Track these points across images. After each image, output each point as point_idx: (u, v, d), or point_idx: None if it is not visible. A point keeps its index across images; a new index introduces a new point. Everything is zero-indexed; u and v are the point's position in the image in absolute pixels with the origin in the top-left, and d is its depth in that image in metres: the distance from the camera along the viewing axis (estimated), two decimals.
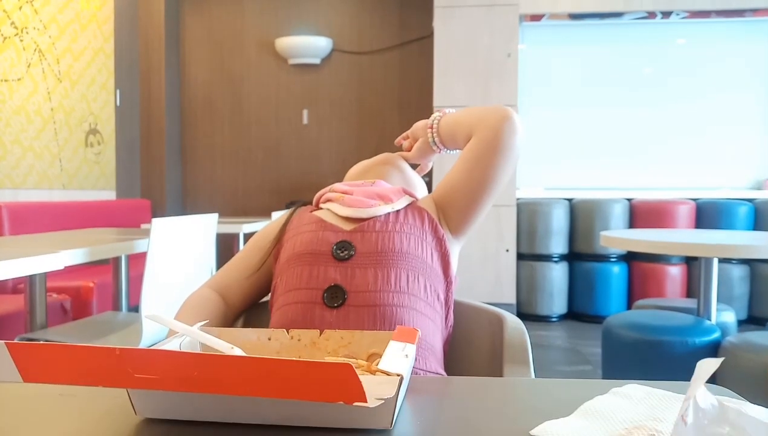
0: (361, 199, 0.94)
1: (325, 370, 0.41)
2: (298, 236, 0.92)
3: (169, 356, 0.44)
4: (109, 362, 0.43)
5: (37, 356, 0.44)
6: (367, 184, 1.01)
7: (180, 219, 2.20)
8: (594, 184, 4.55)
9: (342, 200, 0.94)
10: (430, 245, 0.90)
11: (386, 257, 0.85)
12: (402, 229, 0.90)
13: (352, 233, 0.89)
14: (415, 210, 0.94)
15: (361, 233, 0.88)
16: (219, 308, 0.93)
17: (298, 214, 0.99)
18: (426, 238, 0.90)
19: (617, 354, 2.45)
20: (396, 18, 5.09)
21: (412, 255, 0.87)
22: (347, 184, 1.01)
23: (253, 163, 5.20)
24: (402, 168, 1.11)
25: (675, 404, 0.53)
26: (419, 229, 0.91)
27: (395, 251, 0.86)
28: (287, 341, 0.69)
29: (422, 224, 0.92)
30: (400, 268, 0.85)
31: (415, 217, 0.93)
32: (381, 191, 0.96)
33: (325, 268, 0.85)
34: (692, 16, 4.42)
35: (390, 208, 0.92)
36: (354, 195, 0.96)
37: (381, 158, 1.11)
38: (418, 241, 0.89)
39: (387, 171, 1.09)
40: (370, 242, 0.87)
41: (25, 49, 3.70)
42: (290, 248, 0.92)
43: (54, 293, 2.87)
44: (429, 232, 0.91)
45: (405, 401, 0.56)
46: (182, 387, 0.43)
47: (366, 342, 0.67)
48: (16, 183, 3.64)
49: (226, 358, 0.46)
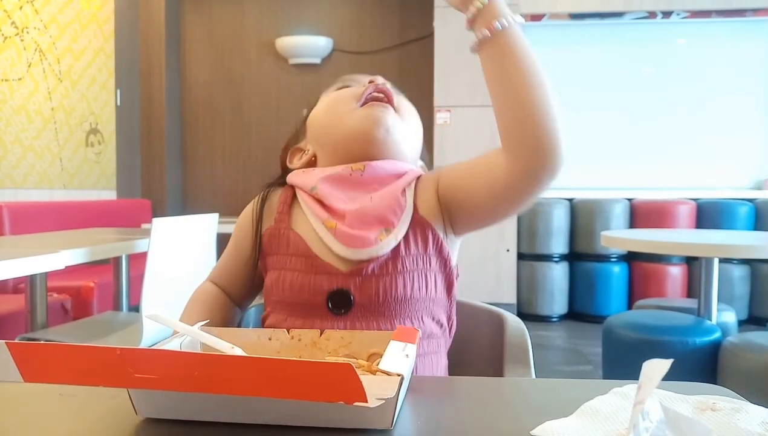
0: (358, 233, 0.78)
1: (325, 370, 0.41)
2: (285, 271, 0.81)
3: (170, 356, 0.44)
4: (109, 361, 0.43)
5: (37, 355, 0.44)
6: (355, 176, 0.83)
7: (180, 219, 2.20)
8: (594, 184, 4.55)
9: (335, 230, 0.79)
10: (434, 272, 0.81)
11: (388, 308, 0.77)
12: (404, 266, 0.78)
13: (349, 277, 0.78)
14: (417, 228, 0.81)
15: (359, 278, 0.77)
16: (224, 302, 0.91)
17: (276, 216, 0.86)
18: (430, 265, 0.80)
19: (618, 354, 2.45)
20: (396, 18, 5.09)
21: (415, 299, 0.79)
22: (330, 182, 0.83)
23: (254, 163, 5.20)
24: (397, 136, 0.87)
25: (675, 405, 0.53)
26: (422, 256, 0.80)
27: (398, 300, 0.77)
28: (288, 340, 0.68)
29: (425, 247, 0.80)
30: (404, 318, 0.78)
31: (418, 239, 0.80)
32: (380, 209, 0.80)
33: (320, 322, 0.77)
34: (693, 16, 4.41)
35: (394, 240, 0.78)
36: (347, 220, 0.79)
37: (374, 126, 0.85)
38: (422, 276, 0.79)
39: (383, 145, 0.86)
40: (370, 290, 0.77)
41: (25, 49, 3.70)
42: (277, 285, 0.81)
43: (54, 293, 2.87)
44: (433, 254, 0.81)
45: (405, 401, 0.56)
46: (183, 387, 0.43)
47: (366, 342, 0.67)
48: (17, 183, 3.64)
49: (226, 358, 0.46)
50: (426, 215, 0.82)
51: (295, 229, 0.83)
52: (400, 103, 0.90)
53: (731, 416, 0.50)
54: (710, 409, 0.51)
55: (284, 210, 0.86)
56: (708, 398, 0.53)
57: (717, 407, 0.51)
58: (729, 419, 0.49)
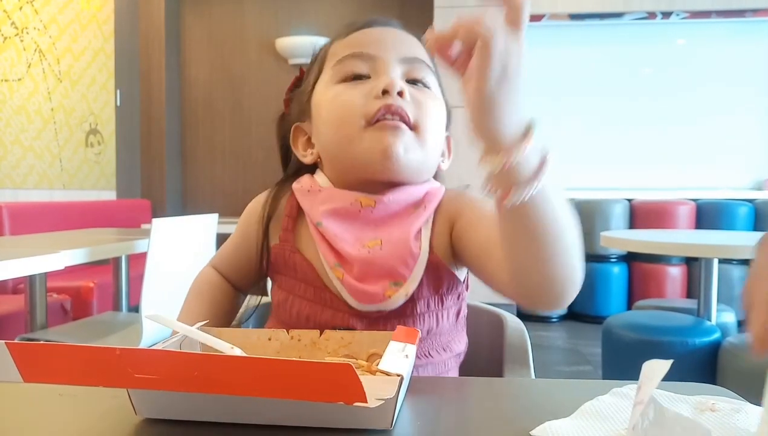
0: (366, 288, 0.73)
1: (325, 370, 0.41)
2: (293, 297, 0.78)
3: (169, 356, 0.44)
4: (109, 362, 0.43)
5: (37, 355, 0.44)
6: (365, 213, 0.76)
7: (180, 219, 2.20)
8: (594, 184, 4.55)
9: (342, 280, 0.74)
10: (447, 308, 0.78)
11: None
12: (415, 310, 0.74)
13: (357, 317, 0.75)
14: (432, 271, 0.75)
15: (367, 319, 0.75)
16: (225, 290, 0.89)
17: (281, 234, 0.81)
18: (442, 304, 0.77)
19: (617, 354, 2.45)
20: (396, 18, 5.08)
21: (429, 335, 0.76)
22: (336, 218, 0.76)
23: (254, 164, 5.20)
24: (413, 164, 0.76)
25: (675, 405, 0.53)
26: (435, 298, 0.76)
27: None
28: (287, 340, 0.68)
29: (439, 289, 0.76)
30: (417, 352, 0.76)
31: (431, 282, 0.75)
32: (390, 260, 0.73)
33: None
34: (692, 16, 4.41)
35: (404, 296, 0.73)
36: (354, 271, 0.73)
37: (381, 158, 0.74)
38: (433, 316, 0.76)
39: (393, 175, 0.76)
40: (378, 330, 0.73)
41: (25, 50, 3.70)
42: (284, 308, 0.79)
43: (54, 293, 2.87)
44: (446, 293, 0.77)
45: (405, 401, 0.56)
46: (182, 387, 0.43)
47: (366, 342, 0.66)
48: (17, 183, 3.64)
49: (226, 358, 0.45)
50: (441, 256, 0.76)
51: (301, 250, 0.79)
52: (419, 110, 0.76)
53: (731, 417, 0.50)
54: (710, 409, 0.51)
55: (289, 227, 0.81)
56: (707, 399, 0.53)
57: (716, 407, 0.51)
58: (728, 419, 0.49)
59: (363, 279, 0.73)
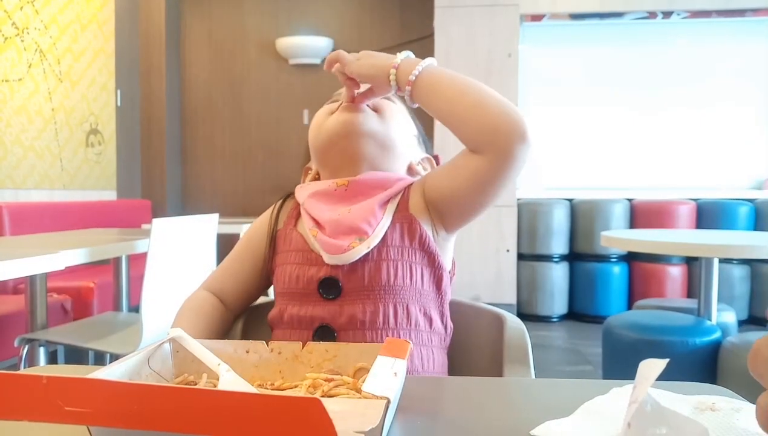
0: (333, 241, 0.83)
1: (289, 405, 0.36)
2: (286, 265, 0.88)
3: (105, 386, 0.39)
4: (34, 392, 0.37)
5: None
6: (339, 191, 0.90)
7: (180, 219, 2.20)
8: (594, 184, 4.56)
9: (316, 238, 0.86)
10: (420, 265, 0.86)
11: (373, 293, 0.83)
12: (388, 255, 0.84)
13: (337, 267, 0.84)
14: (405, 223, 0.86)
15: (346, 266, 0.84)
16: (217, 311, 0.92)
17: (285, 220, 0.94)
18: (415, 258, 0.85)
19: (618, 354, 2.45)
20: (396, 18, 5.09)
21: (399, 286, 0.84)
22: (315, 197, 0.90)
23: (254, 164, 5.20)
24: (373, 132, 0.91)
25: (675, 405, 0.53)
26: (407, 249, 0.85)
27: (382, 285, 0.83)
28: (267, 354, 0.64)
29: (411, 241, 0.86)
30: (388, 303, 0.83)
31: (404, 233, 0.86)
32: (355, 219, 0.85)
33: (313, 307, 0.84)
34: (693, 16, 4.42)
35: (366, 248, 0.83)
36: (326, 229, 0.85)
37: (342, 129, 0.90)
38: (406, 266, 0.84)
39: (357, 146, 0.90)
40: (356, 277, 0.83)
41: (26, 50, 3.70)
42: (281, 278, 0.89)
43: (54, 293, 2.87)
44: (417, 249, 0.86)
45: (395, 421, 0.53)
46: (120, 423, 0.38)
47: (353, 355, 0.62)
48: (17, 183, 3.64)
49: (172, 390, 0.38)
50: (414, 212, 0.88)
51: (298, 230, 0.91)
52: (380, 104, 0.93)
53: (731, 416, 0.50)
54: (710, 409, 0.51)
55: (293, 215, 0.94)
56: (707, 398, 0.53)
57: (716, 407, 0.51)
58: (728, 419, 0.49)
59: (334, 236, 0.85)
